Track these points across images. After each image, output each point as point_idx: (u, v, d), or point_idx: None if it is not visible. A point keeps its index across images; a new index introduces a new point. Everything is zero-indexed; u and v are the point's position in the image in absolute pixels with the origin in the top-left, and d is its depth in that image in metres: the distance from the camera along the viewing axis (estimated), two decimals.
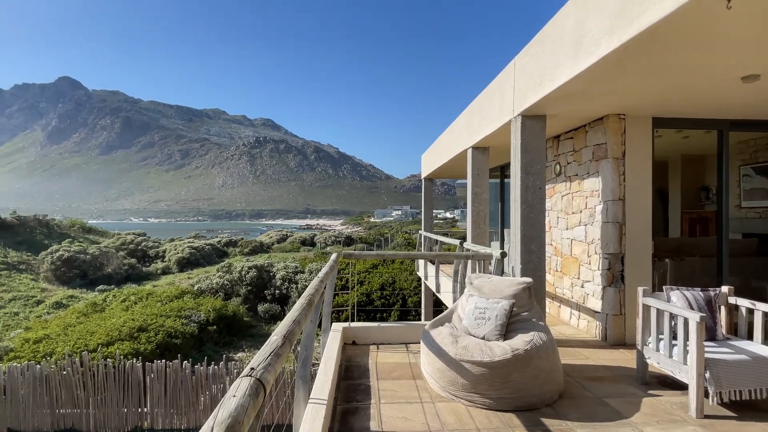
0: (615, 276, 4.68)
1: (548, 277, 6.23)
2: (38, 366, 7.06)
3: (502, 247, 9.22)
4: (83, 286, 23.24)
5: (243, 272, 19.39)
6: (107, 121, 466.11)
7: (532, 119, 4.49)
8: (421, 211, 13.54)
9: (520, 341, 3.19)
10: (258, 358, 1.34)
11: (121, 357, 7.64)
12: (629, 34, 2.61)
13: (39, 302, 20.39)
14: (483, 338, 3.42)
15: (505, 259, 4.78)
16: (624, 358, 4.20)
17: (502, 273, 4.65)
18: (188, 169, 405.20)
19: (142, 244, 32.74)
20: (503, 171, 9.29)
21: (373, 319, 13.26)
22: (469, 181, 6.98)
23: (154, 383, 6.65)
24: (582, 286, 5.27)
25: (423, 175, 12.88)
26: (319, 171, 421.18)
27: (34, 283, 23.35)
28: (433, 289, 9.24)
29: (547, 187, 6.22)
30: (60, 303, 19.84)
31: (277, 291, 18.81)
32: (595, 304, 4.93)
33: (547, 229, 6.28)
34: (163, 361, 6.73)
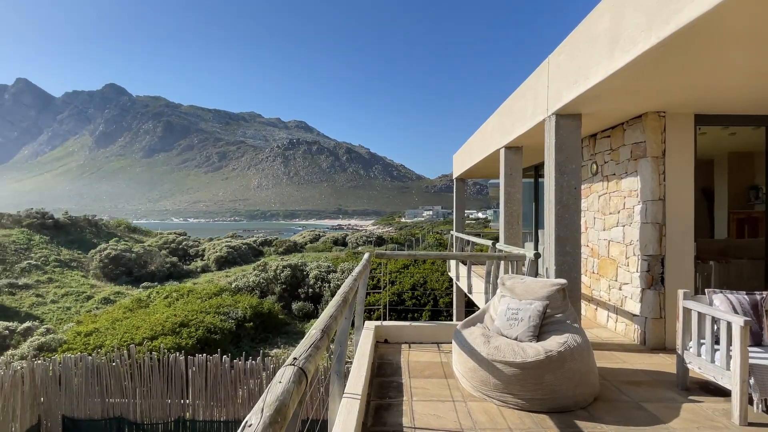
0: (654, 278, 4.54)
1: (584, 279, 6.10)
2: (90, 357, 7.51)
3: (536, 248, 9.07)
4: (129, 283, 24.49)
5: (278, 271, 19.88)
6: (150, 125, 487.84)
7: (567, 118, 4.42)
8: (452, 211, 13.48)
9: (554, 343, 3.17)
10: (299, 349, 1.44)
11: (165, 350, 8.03)
12: (667, 32, 2.55)
13: (89, 298, 21.64)
14: (515, 339, 3.41)
15: (540, 261, 4.74)
16: (663, 363, 4.08)
17: (536, 274, 4.61)
18: (225, 170, 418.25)
19: (183, 243, 34.09)
20: (537, 170, 9.14)
21: (404, 319, 13.32)
22: (501, 181, 6.93)
23: (196, 376, 6.96)
24: (620, 289, 5.13)
25: (454, 176, 12.82)
26: (351, 172, 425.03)
27: (84, 279, 24.81)
28: (465, 290, 9.20)
29: (583, 186, 6.10)
30: (108, 299, 21.00)
31: (310, 290, 19.18)
32: (634, 307, 4.80)
33: (583, 229, 6.15)
34: (204, 355, 7.04)
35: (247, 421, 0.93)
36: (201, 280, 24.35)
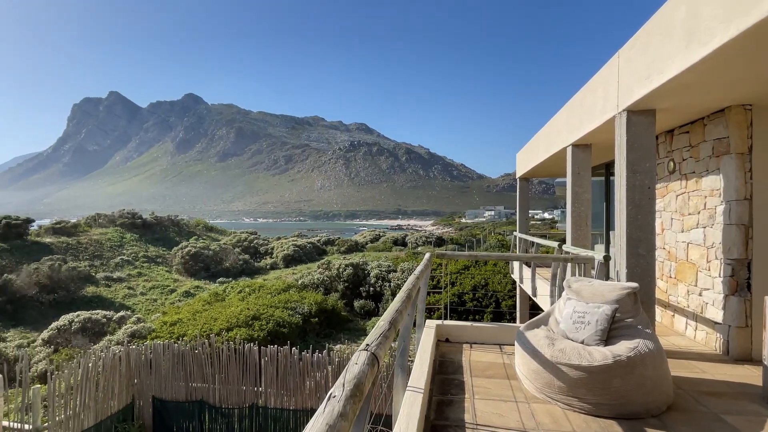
0: (740, 284, 4.20)
1: (660, 283, 5.75)
2: (176, 345, 8.28)
3: (607, 250, 8.64)
4: (207, 278, 26.49)
5: (340, 269, 20.51)
6: (223, 131, 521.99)
7: (639, 114, 4.23)
8: (515, 211, 13.15)
9: (623, 347, 3.08)
10: (371, 337, 1.59)
11: (240, 341, 8.65)
12: (748, 23, 2.40)
13: (172, 291, 23.71)
14: (582, 342, 3.35)
15: (611, 264, 4.56)
16: (748, 375, 3.77)
17: (606, 278, 4.44)
18: (291, 173, 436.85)
19: (254, 241, 36.19)
20: (608, 169, 8.70)
21: (465, 320, 13.21)
22: (568, 180, 6.70)
23: (268, 366, 7.44)
24: (700, 294, 4.79)
25: (518, 175, 12.50)
26: (410, 172, 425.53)
27: (168, 274, 27.20)
28: (529, 293, 8.98)
29: (659, 185, 5.76)
30: (188, 292, 22.87)
31: (371, 288, 19.58)
32: (716, 314, 4.47)
33: (658, 231, 5.80)
34: (275, 346, 7.51)
35: (331, 393, 1.09)
36: (270, 277, 25.73)
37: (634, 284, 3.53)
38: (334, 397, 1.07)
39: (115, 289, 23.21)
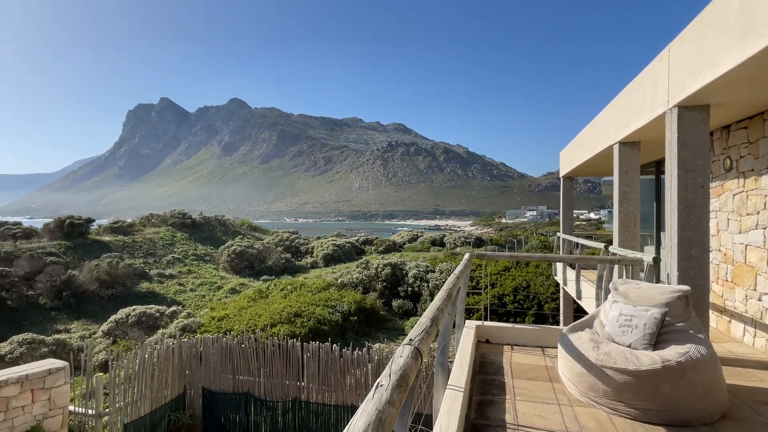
0: None
1: (715, 287, 5.45)
2: (224, 339, 8.67)
3: (657, 252, 8.26)
4: (251, 276, 27.46)
5: (379, 269, 20.69)
6: (266, 134, 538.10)
7: (692, 110, 4.04)
8: (559, 211, 12.78)
9: (673, 352, 2.97)
10: (413, 333, 1.65)
11: (283, 336, 8.95)
12: None
13: (219, 288, 24.75)
14: (628, 346, 3.26)
15: (661, 266, 4.38)
16: None
17: (656, 281, 4.28)
18: (330, 174, 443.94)
19: (295, 241, 37.14)
20: (659, 167, 8.31)
21: (505, 322, 13.00)
22: (615, 179, 6.47)
23: (310, 361, 7.66)
24: (759, 299, 4.51)
25: (561, 173, 12.15)
26: (448, 172, 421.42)
27: (216, 271, 28.41)
28: (573, 295, 8.72)
29: (714, 184, 5.47)
30: (234, 289, 23.80)
31: (409, 288, 19.62)
32: None
33: (713, 232, 5.50)
34: (317, 342, 7.71)
35: (379, 382, 1.16)
36: (311, 275, 26.33)
37: (686, 287, 3.39)
38: (382, 385, 1.14)
39: (167, 286, 24.52)
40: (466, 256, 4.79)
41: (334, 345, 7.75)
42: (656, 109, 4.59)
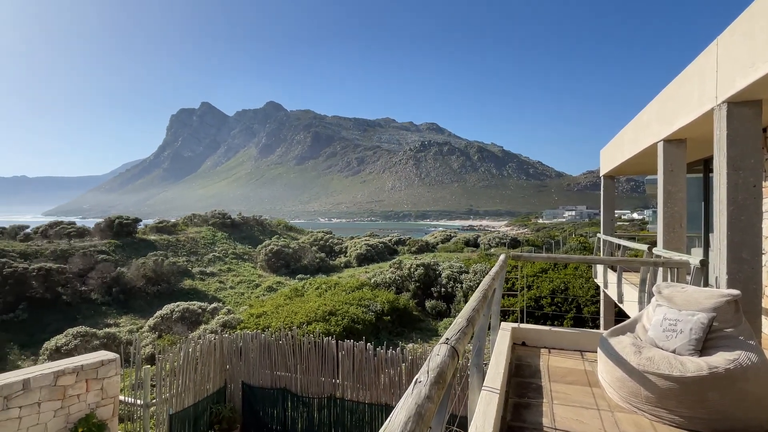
0: None
1: None
2: (262, 335, 8.94)
3: (705, 254, 7.87)
4: (287, 274, 28.11)
5: (412, 269, 20.69)
6: (301, 136, 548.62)
7: (742, 106, 3.84)
8: (599, 211, 12.37)
9: (721, 359, 2.84)
10: (450, 332, 1.68)
11: (319, 334, 9.14)
12: None
13: (257, 285, 25.48)
14: (673, 352, 3.14)
15: (708, 269, 4.19)
16: None
17: (704, 284, 4.10)
18: (363, 174, 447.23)
19: (329, 240, 37.69)
20: (707, 165, 7.92)
21: (542, 325, 12.70)
22: (660, 178, 6.22)
23: (345, 359, 7.78)
24: None
25: (602, 172, 11.76)
26: (482, 171, 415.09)
27: (254, 270, 29.26)
28: (615, 299, 8.44)
29: (767, 183, 5.16)
30: (271, 287, 24.44)
31: (442, 289, 19.51)
32: None
33: (766, 234, 5.19)
34: (351, 341, 7.83)
35: (417, 378, 1.21)
36: (344, 275, 26.66)
37: (735, 291, 3.24)
38: (420, 381, 1.18)
39: (208, 283, 25.48)
40: (502, 256, 4.75)
41: (368, 344, 7.84)
42: (704, 105, 4.39)
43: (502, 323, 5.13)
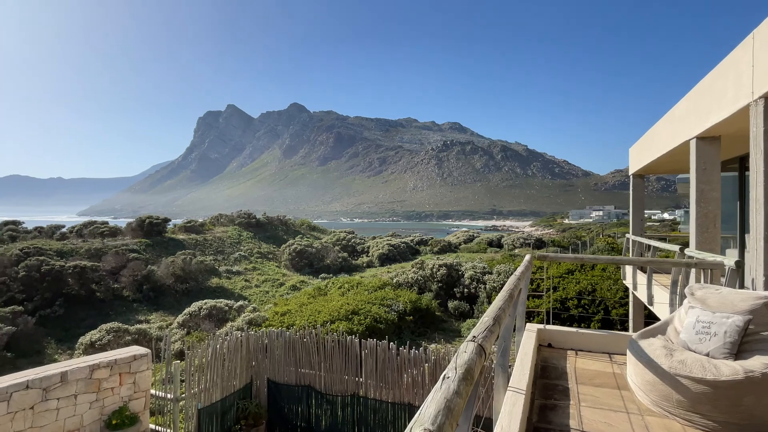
0: None
1: None
2: (287, 333, 9.08)
3: (741, 256, 7.57)
4: (310, 274, 28.43)
5: (434, 269, 20.61)
6: (323, 137, 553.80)
7: None
8: (628, 211, 12.05)
9: (758, 363, 2.75)
10: (476, 330, 1.69)
11: (342, 332, 9.22)
12: None
13: (281, 284, 25.86)
14: (706, 355, 3.05)
15: (745, 271, 4.04)
16: None
17: (739, 286, 3.96)
18: (385, 174, 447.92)
19: (351, 240, 37.92)
20: (743, 163, 7.62)
21: (569, 327, 12.45)
22: (693, 176, 6.03)
23: (368, 358, 7.83)
24: None
25: (631, 171, 11.45)
26: (506, 170, 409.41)
27: (278, 269, 29.71)
28: (644, 301, 8.22)
29: None
30: (295, 286, 24.77)
31: (465, 290, 19.36)
32: None
33: None
34: (374, 339, 7.88)
35: (445, 374, 1.22)
36: (367, 274, 26.77)
37: None
38: (448, 377, 1.20)
39: (234, 281, 26.03)
40: (527, 257, 4.70)
41: (391, 343, 7.87)
42: (739, 101, 4.24)
43: (528, 324, 5.08)
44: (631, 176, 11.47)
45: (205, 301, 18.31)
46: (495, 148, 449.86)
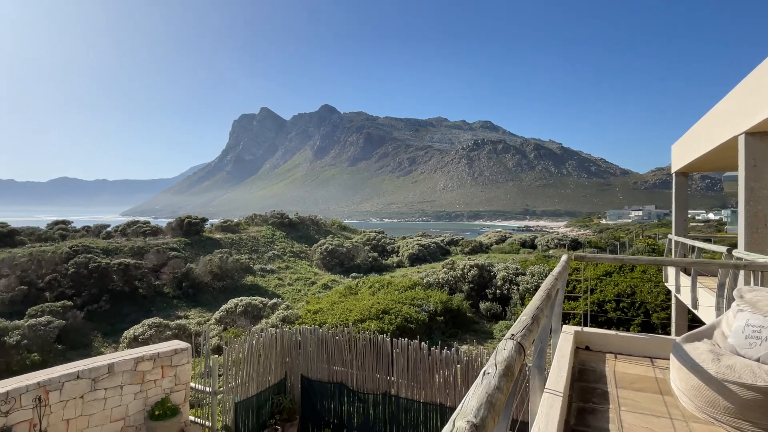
0: None
1: None
2: (320, 330, 9.22)
3: None
4: (341, 273, 28.74)
5: (465, 270, 20.40)
6: (353, 138, 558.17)
7: None
8: (670, 211, 11.55)
9: None
10: (515, 328, 1.69)
11: (373, 331, 9.29)
12: None
13: (313, 283, 26.28)
14: (757, 360, 2.91)
15: None
16: None
17: None
18: (414, 174, 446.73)
19: (381, 240, 38.07)
20: None
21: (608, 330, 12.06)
22: (741, 174, 5.73)
23: (399, 357, 7.86)
24: None
25: (674, 169, 10.97)
26: (540, 169, 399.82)
27: (310, 268, 30.21)
28: (688, 304, 7.87)
29: None
30: (326, 285, 25.11)
31: (497, 291, 19.06)
32: None
33: None
34: (405, 339, 7.89)
35: (485, 370, 1.23)
36: (397, 274, 26.81)
37: None
38: (488, 373, 1.21)
39: (268, 279, 26.66)
40: (564, 257, 4.60)
41: (423, 343, 7.86)
42: None
43: (564, 326, 4.97)
44: (673, 174, 10.99)
45: (240, 298, 18.85)
46: (528, 147, 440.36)
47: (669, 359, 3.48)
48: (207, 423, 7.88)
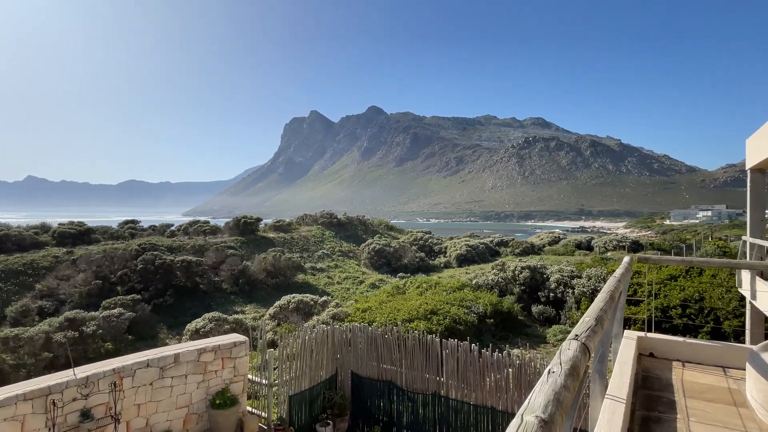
0: None
1: None
2: (370, 328, 9.35)
3: None
4: (388, 272, 28.94)
5: (516, 272, 19.87)
6: (400, 138, 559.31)
7: None
8: (743, 211, 10.63)
9: None
10: (578, 329, 1.66)
11: (422, 331, 9.30)
12: None
13: (361, 282, 26.66)
14: None
15: None
16: None
17: None
18: (462, 174, 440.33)
19: (428, 240, 37.91)
20: None
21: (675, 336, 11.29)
22: None
23: (449, 358, 7.81)
24: None
25: (749, 165, 10.07)
26: (596, 167, 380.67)
27: (358, 267, 30.67)
28: (765, 312, 7.23)
29: None
30: (374, 284, 25.38)
31: (551, 294, 18.40)
32: None
33: None
34: (455, 340, 7.84)
35: (550, 369, 1.23)
36: (444, 275, 26.60)
37: None
38: (554, 372, 1.21)
39: (318, 278, 27.37)
40: (626, 258, 4.40)
41: (473, 345, 7.77)
42: None
43: (626, 332, 4.75)
44: (748, 171, 10.09)
45: (293, 295, 19.48)
46: (583, 144, 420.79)
47: (744, 369, 3.24)
48: (263, 414, 8.23)
